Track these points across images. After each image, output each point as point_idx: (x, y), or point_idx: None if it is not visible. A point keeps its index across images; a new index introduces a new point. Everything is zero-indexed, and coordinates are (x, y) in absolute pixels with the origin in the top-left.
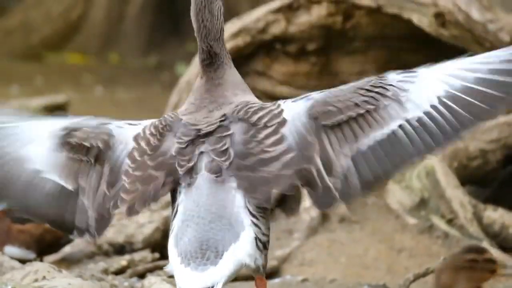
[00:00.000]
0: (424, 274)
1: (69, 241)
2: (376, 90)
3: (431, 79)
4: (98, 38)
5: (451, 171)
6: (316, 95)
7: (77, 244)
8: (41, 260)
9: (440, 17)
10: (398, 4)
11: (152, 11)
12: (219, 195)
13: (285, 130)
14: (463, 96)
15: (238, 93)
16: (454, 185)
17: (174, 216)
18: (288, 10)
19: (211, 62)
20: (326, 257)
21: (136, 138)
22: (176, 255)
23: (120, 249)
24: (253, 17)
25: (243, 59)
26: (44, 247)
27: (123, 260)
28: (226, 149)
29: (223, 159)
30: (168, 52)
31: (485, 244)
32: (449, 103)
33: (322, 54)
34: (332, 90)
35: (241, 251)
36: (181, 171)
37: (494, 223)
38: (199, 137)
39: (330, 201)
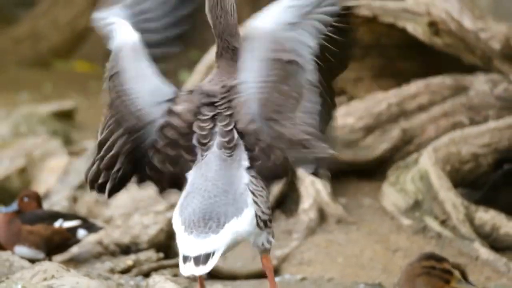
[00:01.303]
0: None
1: (77, 242)
2: None
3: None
4: (105, 46)
5: (444, 174)
6: None
7: (85, 245)
8: (50, 260)
9: (434, 26)
10: (393, 14)
11: None
12: (228, 171)
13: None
14: None
15: None
16: (447, 187)
17: (184, 187)
18: None
19: (229, 55)
20: (324, 257)
21: (164, 115)
22: (180, 224)
23: (126, 249)
24: None
25: None
26: (53, 247)
27: (129, 260)
28: (231, 129)
29: (227, 139)
30: (172, 59)
31: (477, 244)
32: None
33: None
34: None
35: (243, 225)
36: (197, 148)
37: (486, 224)
38: (214, 114)
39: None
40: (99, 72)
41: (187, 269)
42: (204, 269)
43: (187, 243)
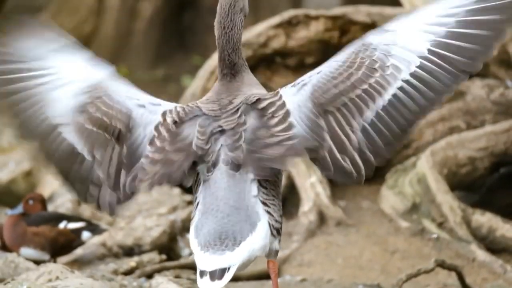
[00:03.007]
0: (416, 275)
1: (81, 243)
2: (367, 64)
3: (412, 33)
4: (108, 52)
5: (441, 178)
6: (313, 80)
7: (89, 246)
8: (55, 261)
9: None
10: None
11: (160, 26)
12: (236, 188)
13: (292, 119)
14: (451, 41)
15: (252, 89)
16: (444, 190)
17: (196, 208)
18: (288, 26)
19: (229, 71)
20: (324, 258)
21: (157, 127)
22: (196, 245)
23: (129, 251)
24: (254, 32)
25: None
26: (57, 249)
27: (132, 262)
28: (240, 145)
29: (236, 154)
30: (175, 65)
31: (474, 246)
32: (439, 51)
33: None
34: (324, 70)
35: (257, 240)
36: (201, 164)
37: (482, 226)
38: (218, 131)
39: (345, 177)
40: None
41: (204, 284)
42: (219, 284)
43: (204, 259)
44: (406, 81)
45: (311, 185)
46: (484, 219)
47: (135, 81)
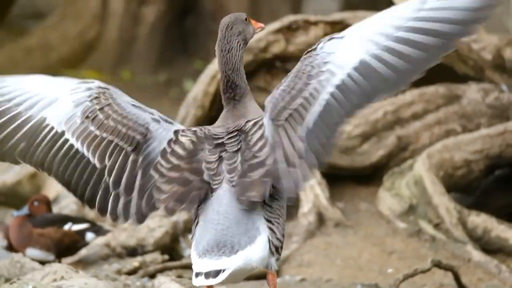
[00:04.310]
0: (413, 275)
1: (85, 244)
2: (307, 70)
3: (356, 40)
4: (112, 56)
5: (437, 180)
6: (270, 98)
7: (93, 247)
8: (60, 262)
9: None
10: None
11: (162, 32)
12: (238, 204)
13: (266, 134)
14: (386, 54)
15: (255, 115)
16: (441, 192)
17: (196, 224)
18: (287, 31)
19: (232, 94)
20: (323, 258)
21: (169, 142)
22: (195, 255)
23: (132, 251)
24: (255, 37)
25: (246, 76)
26: (62, 249)
27: (135, 262)
28: (236, 166)
29: (233, 175)
30: (177, 69)
31: (469, 247)
32: (374, 61)
33: None
34: (283, 83)
35: (255, 251)
36: (211, 184)
37: (478, 227)
38: (223, 156)
39: (293, 186)
40: (106, 81)
41: (198, 281)
42: (213, 281)
43: (200, 264)
44: (338, 86)
45: (310, 187)
46: (480, 220)
47: (138, 85)
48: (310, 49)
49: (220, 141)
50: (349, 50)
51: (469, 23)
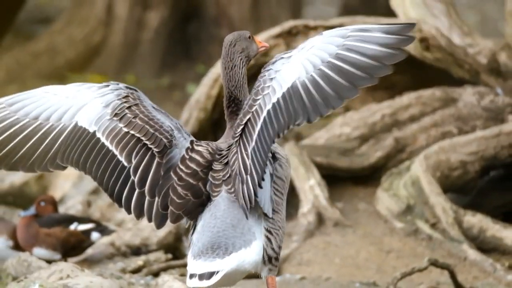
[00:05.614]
0: (410, 273)
1: (91, 244)
2: (257, 86)
3: (299, 61)
4: (116, 61)
5: (434, 180)
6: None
7: (98, 246)
8: (66, 261)
9: (425, 42)
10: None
11: (165, 36)
12: (235, 210)
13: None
14: (318, 78)
15: None
16: (437, 192)
17: (193, 230)
18: (288, 36)
19: (235, 109)
20: (322, 257)
21: (187, 150)
22: (190, 256)
23: (136, 251)
24: None
25: (247, 80)
26: (68, 249)
27: (139, 260)
28: (229, 176)
29: (229, 187)
30: (180, 73)
31: (465, 246)
32: (309, 84)
33: None
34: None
35: (249, 254)
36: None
37: (473, 227)
38: (224, 167)
39: (248, 199)
40: None
41: (192, 283)
42: (207, 283)
43: (194, 265)
44: (277, 102)
45: (310, 187)
46: (475, 220)
47: (142, 88)
48: (265, 65)
49: (224, 155)
50: (290, 70)
51: (386, 59)
